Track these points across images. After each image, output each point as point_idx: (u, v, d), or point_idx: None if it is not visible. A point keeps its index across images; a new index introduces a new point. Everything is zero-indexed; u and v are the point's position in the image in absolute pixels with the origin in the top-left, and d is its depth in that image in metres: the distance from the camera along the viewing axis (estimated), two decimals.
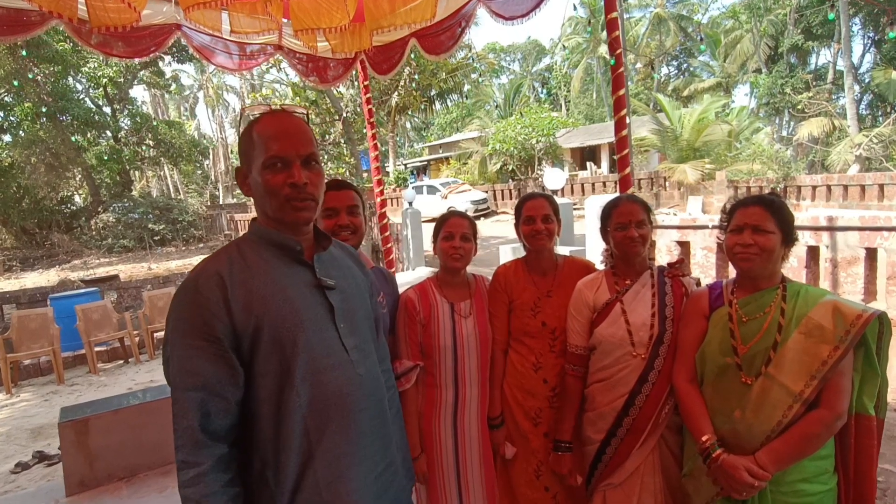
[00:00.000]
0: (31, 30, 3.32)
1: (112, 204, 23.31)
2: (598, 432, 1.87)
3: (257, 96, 13.76)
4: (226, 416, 1.12)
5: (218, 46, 4.00)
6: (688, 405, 1.65)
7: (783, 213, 1.58)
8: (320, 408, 1.17)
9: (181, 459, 1.08)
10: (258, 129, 1.23)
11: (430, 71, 12.68)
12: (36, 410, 6.08)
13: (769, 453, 1.47)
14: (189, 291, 1.14)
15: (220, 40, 3.90)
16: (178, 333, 1.13)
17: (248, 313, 1.13)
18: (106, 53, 3.58)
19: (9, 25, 3.26)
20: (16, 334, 7.20)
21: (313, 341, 1.18)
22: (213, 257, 1.21)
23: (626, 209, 1.87)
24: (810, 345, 1.46)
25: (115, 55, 3.64)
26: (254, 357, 1.14)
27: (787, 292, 1.57)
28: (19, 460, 4.64)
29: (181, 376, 1.11)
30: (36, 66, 19.00)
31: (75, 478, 3.48)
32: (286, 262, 1.24)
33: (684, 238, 4.95)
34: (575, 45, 35.13)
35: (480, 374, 2.07)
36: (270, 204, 1.22)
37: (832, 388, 1.45)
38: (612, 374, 1.84)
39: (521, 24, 3.06)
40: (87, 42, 3.45)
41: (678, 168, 17.11)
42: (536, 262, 2.13)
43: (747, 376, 1.54)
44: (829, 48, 26.49)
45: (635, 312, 1.84)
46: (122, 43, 3.57)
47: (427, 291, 2.08)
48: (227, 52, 4.09)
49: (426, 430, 2.04)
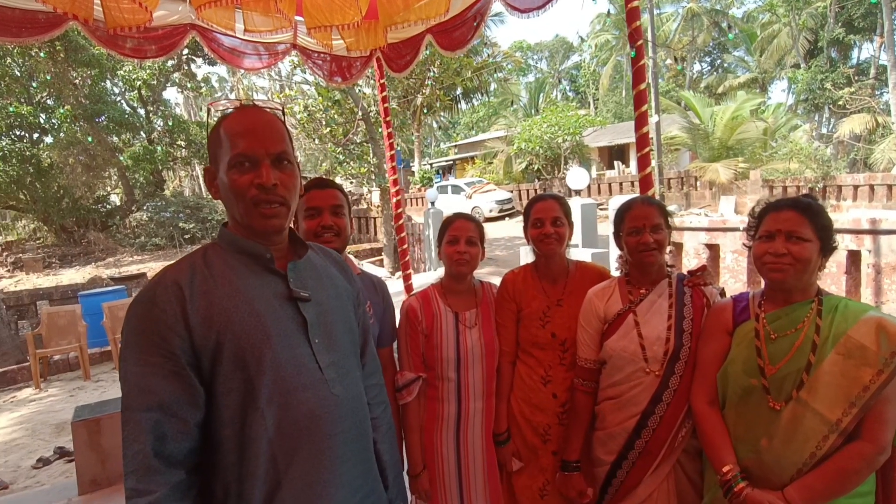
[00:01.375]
0: (48, 31, 3.36)
1: (145, 203, 23.94)
2: (608, 454, 1.72)
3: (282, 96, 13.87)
4: (183, 439, 1.03)
5: (235, 46, 3.99)
6: (707, 430, 1.49)
7: (821, 219, 1.41)
8: (289, 432, 1.07)
9: (130, 487, 0.99)
10: (225, 126, 1.13)
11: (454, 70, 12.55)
12: (61, 406, 6.21)
13: (800, 490, 1.30)
14: (144, 303, 1.05)
15: (234, 39, 3.88)
16: (131, 349, 1.04)
17: (209, 327, 1.04)
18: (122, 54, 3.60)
19: (26, 27, 3.30)
20: (45, 330, 7.38)
21: (282, 358, 1.08)
22: (175, 265, 1.12)
23: (640, 212, 1.71)
24: (850, 367, 1.29)
25: (127, 55, 3.66)
26: (215, 375, 1.05)
27: (824, 307, 1.39)
28: (41, 455, 4.72)
29: (134, 395, 1.01)
30: (74, 70, 19.61)
31: (87, 476, 3.50)
32: (255, 271, 1.14)
33: (713, 240, 4.71)
34: (604, 42, 34.57)
35: (485, 386, 1.95)
36: (238, 207, 1.12)
37: (874, 418, 1.28)
38: (622, 392, 1.69)
39: (536, 16, 2.92)
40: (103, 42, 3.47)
41: (710, 167, 16.59)
42: (546, 268, 1.99)
43: (776, 401, 1.37)
44: (872, 42, 25.40)
45: (649, 325, 1.68)
46: (138, 42, 3.59)
47: (430, 299, 1.97)
48: (245, 51, 4.08)
49: (428, 445, 1.93)
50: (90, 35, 3.38)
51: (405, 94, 13.24)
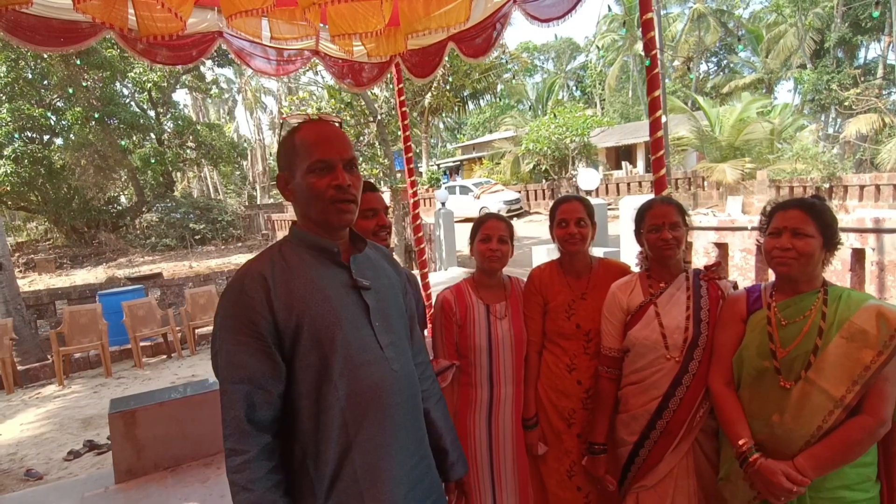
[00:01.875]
0: (85, 39, 3.49)
1: (155, 204, 24.18)
2: (631, 434, 1.87)
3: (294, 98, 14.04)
4: (269, 407, 1.19)
5: (257, 52, 4.12)
6: (725, 409, 1.64)
7: (824, 217, 1.55)
8: (357, 401, 1.23)
9: (229, 447, 1.16)
10: (300, 137, 1.29)
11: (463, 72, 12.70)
12: (86, 401, 6.39)
13: (809, 458, 1.44)
14: (235, 291, 1.21)
15: (259, 46, 4.01)
16: (225, 330, 1.20)
17: (290, 312, 1.20)
18: (153, 61, 3.75)
19: (66, 37, 3.43)
20: (67, 329, 7.56)
21: (350, 339, 1.24)
22: (257, 259, 1.28)
23: (659, 211, 1.86)
24: (853, 349, 1.43)
25: (160, 62, 3.80)
26: (295, 353, 1.21)
27: (829, 296, 1.54)
28: (71, 448, 4.89)
29: (229, 369, 1.18)
30: (86, 73, 19.85)
31: (123, 466, 3.65)
32: (324, 263, 1.30)
33: (722, 240, 4.84)
34: (610, 43, 34.62)
35: (515, 373, 2.10)
36: (315, 207, 1.28)
37: (875, 394, 1.42)
38: (645, 377, 1.84)
39: (556, 25, 3.05)
40: (136, 50, 3.60)
41: (717, 167, 16.66)
42: (570, 264, 2.14)
43: (786, 380, 1.52)
44: (880, 42, 25.37)
45: (669, 315, 1.83)
46: (166, 50, 3.71)
47: (463, 292, 2.13)
48: (266, 57, 4.21)
49: (461, 428, 2.07)
50: (124, 44, 3.51)
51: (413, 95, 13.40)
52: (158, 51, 3.74)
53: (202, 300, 8.74)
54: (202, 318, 8.55)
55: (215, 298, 8.91)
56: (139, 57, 3.67)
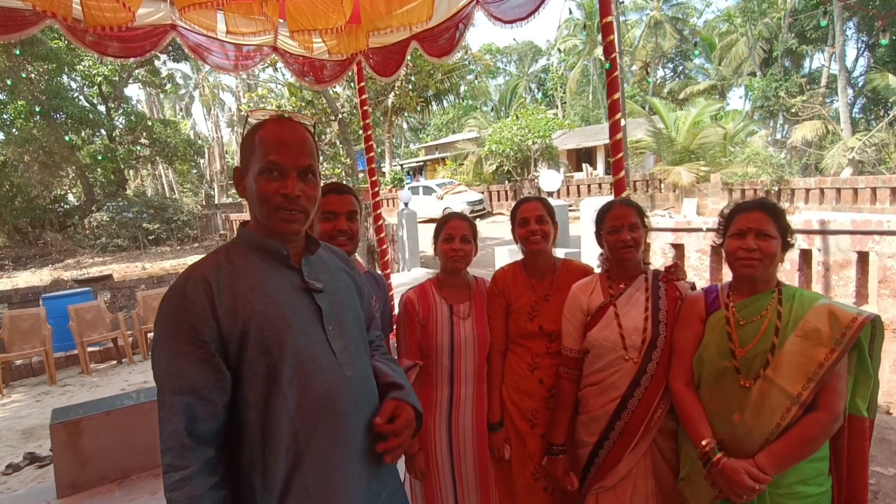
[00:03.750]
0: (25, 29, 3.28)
1: (106, 203, 23.20)
2: (591, 435, 1.87)
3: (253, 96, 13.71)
4: (213, 419, 1.12)
5: (213, 46, 3.97)
6: (686, 409, 1.65)
7: (783, 219, 1.60)
8: (309, 410, 1.17)
9: (167, 463, 1.08)
10: (261, 134, 1.23)
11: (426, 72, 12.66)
12: (27, 411, 6.04)
13: (769, 456, 1.47)
14: (176, 296, 1.14)
15: (215, 40, 3.87)
16: (165, 338, 1.13)
17: (235, 317, 1.13)
18: (101, 53, 3.55)
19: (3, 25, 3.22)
20: (7, 334, 7.15)
21: (300, 344, 1.18)
22: (201, 262, 1.21)
23: (618, 213, 1.88)
24: (807, 347, 1.47)
25: (109, 55, 3.61)
26: (241, 361, 1.14)
27: (783, 295, 1.58)
28: (10, 462, 4.61)
29: (168, 380, 1.11)
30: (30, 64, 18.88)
31: (67, 479, 3.46)
32: (273, 266, 1.24)
33: (678, 240, 4.97)
34: (571, 47, 35.24)
35: (477, 373, 2.08)
36: (261, 210, 1.22)
37: (829, 391, 1.46)
38: (604, 378, 1.84)
39: (520, 27, 3.05)
40: (82, 41, 3.41)
41: (673, 170, 17.20)
42: (534, 265, 2.13)
43: (745, 379, 1.54)
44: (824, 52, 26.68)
45: (628, 316, 1.84)
46: (116, 42, 3.54)
47: (427, 292, 2.10)
48: (223, 52, 4.06)
49: (423, 429, 2.04)
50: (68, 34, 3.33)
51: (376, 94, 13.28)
52: (108, 43, 3.55)
53: (155, 303, 8.39)
54: None
55: None
56: (88, 49, 3.47)
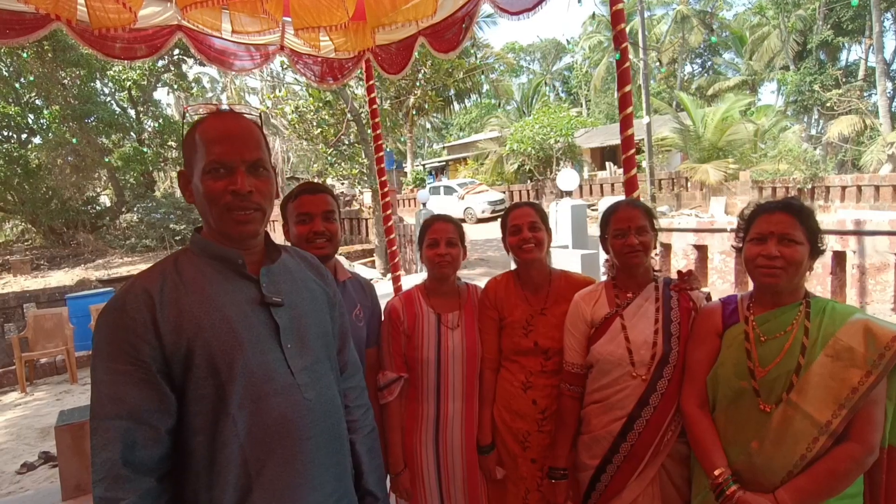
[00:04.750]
0: (31, 32, 3.29)
1: (135, 204, 23.76)
2: (592, 458, 1.70)
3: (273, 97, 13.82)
4: (154, 446, 1.02)
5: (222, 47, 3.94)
6: (698, 434, 1.48)
7: (812, 221, 1.40)
8: (260, 437, 1.07)
9: (98, 496, 0.98)
10: (200, 131, 1.12)
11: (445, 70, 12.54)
12: (48, 410, 6.14)
13: (791, 492, 1.29)
14: (114, 312, 1.04)
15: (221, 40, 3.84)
16: (101, 357, 1.03)
17: (179, 335, 1.03)
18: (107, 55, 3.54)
19: (9, 28, 3.23)
20: (31, 333, 7.30)
21: (253, 364, 1.07)
22: (145, 273, 1.11)
23: (624, 214, 1.70)
24: (839, 369, 1.28)
25: (115, 56, 3.60)
26: (186, 382, 1.04)
27: (812, 309, 1.39)
28: (25, 461, 4.66)
29: (104, 403, 1.01)
30: (63, 70, 19.44)
31: (71, 482, 3.44)
32: (227, 276, 1.13)
33: (701, 241, 4.72)
34: (596, 44, 34.72)
35: (466, 388, 1.93)
36: (211, 213, 1.12)
37: (863, 420, 1.27)
38: (608, 396, 1.67)
39: (526, 18, 2.91)
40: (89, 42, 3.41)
41: (700, 168, 16.71)
42: (528, 275, 1.97)
43: (766, 403, 1.36)
44: (861, 44, 25.66)
45: (636, 329, 1.66)
46: (121, 44, 3.53)
47: (413, 300, 1.97)
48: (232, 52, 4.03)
49: (409, 446, 1.93)
50: (75, 36, 3.32)
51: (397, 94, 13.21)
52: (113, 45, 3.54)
53: None
54: None
55: None
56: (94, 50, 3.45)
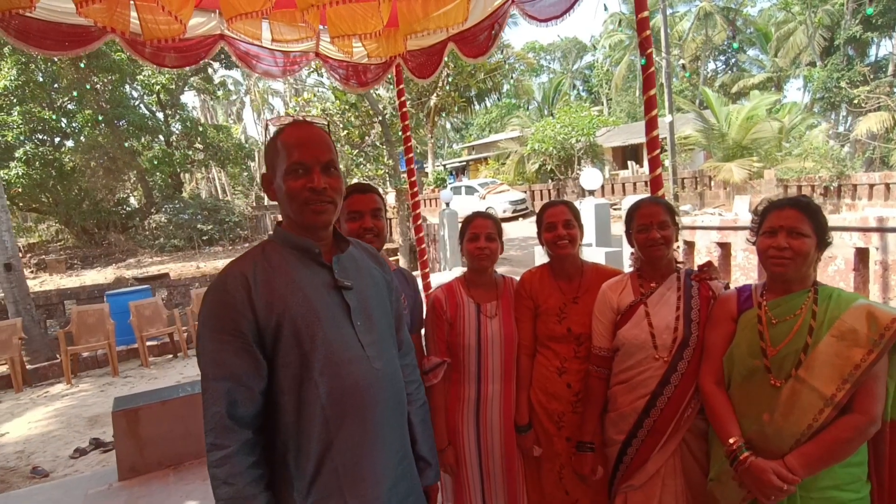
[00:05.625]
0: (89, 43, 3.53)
1: (164, 205, 24.38)
2: (619, 433, 1.87)
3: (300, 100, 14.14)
4: (250, 404, 1.21)
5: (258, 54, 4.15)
6: (715, 407, 1.63)
7: (818, 216, 1.55)
8: (338, 400, 1.25)
9: (210, 442, 1.18)
10: (282, 139, 1.31)
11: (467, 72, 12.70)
12: (93, 400, 6.46)
13: (799, 457, 1.44)
14: (218, 291, 1.23)
15: (259, 47, 4.04)
16: (207, 329, 1.22)
17: (270, 311, 1.22)
18: (159, 65, 3.79)
19: (70, 41, 3.47)
20: (75, 328, 7.65)
21: (331, 337, 1.26)
22: (240, 259, 1.30)
23: (647, 211, 1.87)
24: (843, 348, 1.43)
25: (167, 65, 3.84)
26: (276, 351, 1.23)
27: (819, 295, 1.53)
28: (77, 446, 4.95)
29: (211, 367, 1.20)
30: (95, 76, 20.06)
31: (127, 463, 3.70)
32: (306, 263, 1.32)
33: (724, 239, 4.81)
34: (617, 42, 34.48)
35: (504, 372, 2.10)
36: (292, 207, 1.30)
37: (865, 393, 1.41)
38: (633, 376, 1.84)
39: (555, 24, 3.05)
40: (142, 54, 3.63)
41: (724, 167, 16.55)
42: (561, 268, 2.14)
43: (777, 379, 1.51)
44: (891, 38, 25.09)
45: (659, 315, 1.83)
46: (172, 53, 3.75)
47: (454, 291, 2.14)
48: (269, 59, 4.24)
49: (451, 424, 2.10)
50: (127, 47, 3.55)
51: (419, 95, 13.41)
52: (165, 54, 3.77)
53: None
54: None
55: None
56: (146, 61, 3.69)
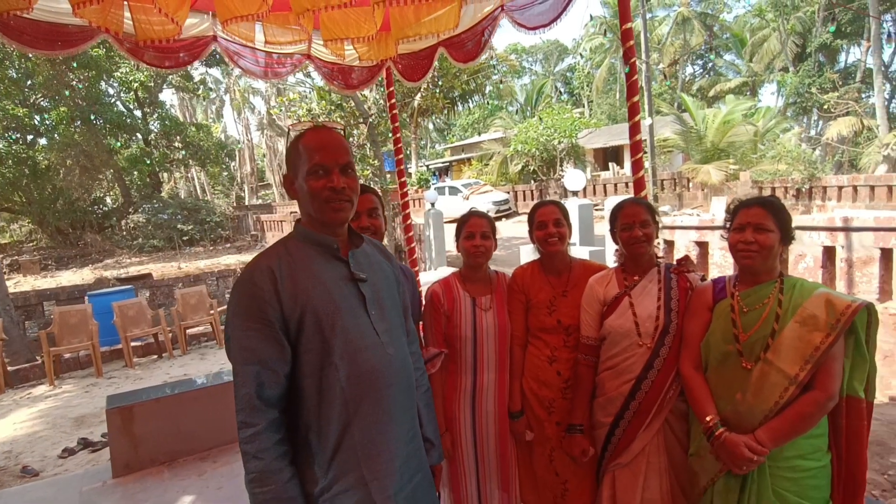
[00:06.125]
0: (81, 43, 3.52)
1: (142, 205, 24.03)
2: (607, 416, 2.02)
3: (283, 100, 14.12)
4: (276, 386, 1.32)
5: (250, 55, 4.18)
6: (693, 389, 1.80)
7: (782, 214, 1.72)
8: (356, 382, 1.36)
9: (241, 420, 1.29)
10: (303, 142, 1.43)
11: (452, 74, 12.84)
12: (78, 401, 6.41)
13: (767, 431, 1.60)
14: (246, 283, 1.34)
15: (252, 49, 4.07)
16: (237, 317, 1.33)
17: (295, 301, 1.33)
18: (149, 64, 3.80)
19: (62, 41, 3.48)
20: (57, 329, 7.57)
21: (349, 325, 1.37)
22: (265, 254, 1.41)
23: (630, 211, 2.03)
24: (805, 332, 1.59)
25: (156, 66, 3.85)
26: (299, 338, 1.34)
27: (784, 285, 1.70)
28: (66, 446, 4.94)
29: (240, 352, 1.31)
30: (71, 72, 19.69)
31: (121, 461, 3.72)
32: (325, 258, 1.43)
33: (702, 238, 5.02)
34: (597, 46, 34.97)
35: (498, 362, 2.23)
36: (313, 206, 1.41)
37: (824, 372, 1.58)
38: (619, 363, 1.99)
39: (543, 33, 3.19)
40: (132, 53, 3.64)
41: (702, 169, 17.01)
42: (551, 264, 2.28)
43: (748, 362, 1.68)
44: (859, 46, 25.90)
45: (642, 305, 1.98)
46: (163, 54, 3.77)
47: (451, 286, 2.27)
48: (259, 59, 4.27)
49: (448, 412, 2.22)
50: (119, 47, 3.56)
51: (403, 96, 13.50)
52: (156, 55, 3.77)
53: (193, 300, 8.77)
54: (193, 318, 8.59)
55: (206, 298, 8.94)
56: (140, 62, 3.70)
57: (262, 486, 1.27)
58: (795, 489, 1.62)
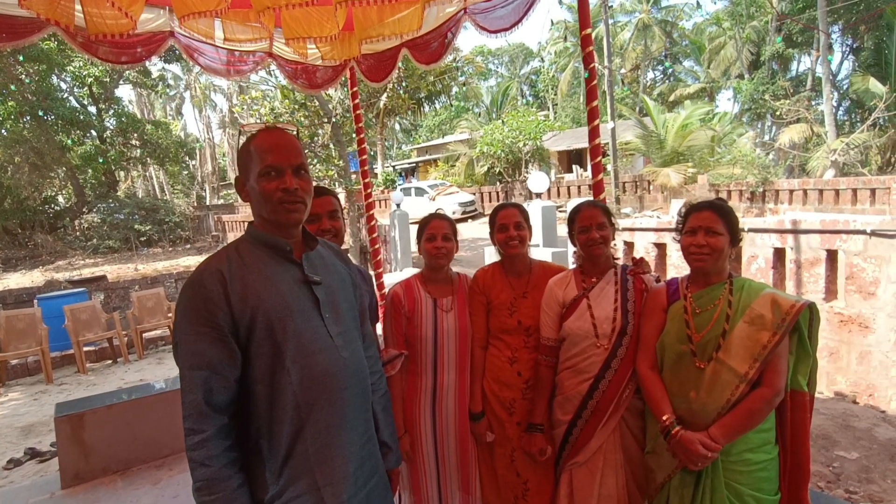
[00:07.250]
0: (28, 36, 3.36)
1: (97, 204, 23.16)
2: (566, 414, 2.05)
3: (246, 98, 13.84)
4: (226, 392, 1.29)
5: (210, 52, 4.08)
6: (650, 389, 1.84)
7: (731, 217, 1.79)
8: (309, 386, 1.34)
9: (188, 427, 1.25)
10: (255, 144, 1.40)
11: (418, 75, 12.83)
12: (26, 409, 6.13)
13: (720, 427, 1.66)
14: (195, 285, 1.31)
15: (211, 46, 3.98)
16: (185, 321, 1.29)
17: (245, 304, 1.30)
18: (103, 60, 3.66)
19: (7, 32, 3.31)
20: (3, 334, 7.22)
21: (301, 329, 1.35)
22: (215, 256, 1.38)
23: (587, 214, 2.07)
24: (753, 332, 1.66)
25: (110, 61, 3.71)
26: (250, 341, 1.31)
27: (734, 286, 1.77)
28: (11, 457, 4.71)
29: (188, 357, 1.27)
30: (20, 66, 18.84)
31: (71, 471, 3.57)
32: (278, 260, 1.41)
33: (660, 240, 5.16)
34: (562, 49, 35.51)
35: (459, 362, 2.24)
36: (265, 207, 1.39)
37: (771, 369, 1.65)
38: (578, 363, 2.02)
39: (504, 36, 3.22)
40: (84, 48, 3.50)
41: (662, 172, 17.50)
42: (511, 266, 2.30)
43: (701, 361, 1.73)
44: (810, 55, 27.07)
45: (600, 307, 2.03)
46: (116, 49, 3.64)
47: (412, 287, 2.27)
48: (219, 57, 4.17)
49: (409, 413, 2.22)
50: (69, 40, 3.42)
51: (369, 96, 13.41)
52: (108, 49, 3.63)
53: (150, 303, 8.49)
54: (150, 322, 8.31)
55: (164, 301, 8.67)
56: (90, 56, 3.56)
57: (210, 495, 1.23)
58: (747, 481, 1.68)
